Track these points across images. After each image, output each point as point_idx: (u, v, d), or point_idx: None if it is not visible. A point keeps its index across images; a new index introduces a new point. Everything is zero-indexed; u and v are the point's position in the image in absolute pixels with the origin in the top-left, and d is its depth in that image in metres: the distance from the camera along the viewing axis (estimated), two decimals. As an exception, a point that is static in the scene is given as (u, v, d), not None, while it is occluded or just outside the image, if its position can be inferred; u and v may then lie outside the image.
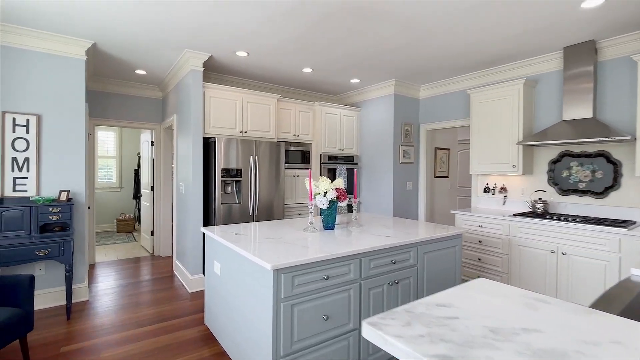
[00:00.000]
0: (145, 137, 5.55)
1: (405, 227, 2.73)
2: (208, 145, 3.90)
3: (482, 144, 3.94)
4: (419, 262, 2.39)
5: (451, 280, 2.65)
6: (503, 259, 3.45)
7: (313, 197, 2.58)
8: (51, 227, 3.16)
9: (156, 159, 5.16)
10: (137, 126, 5.00)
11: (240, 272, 2.07)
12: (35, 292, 3.17)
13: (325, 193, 2.56)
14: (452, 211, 3.87)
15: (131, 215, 7.22)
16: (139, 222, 7.28)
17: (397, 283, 2.23)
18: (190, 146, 3.75)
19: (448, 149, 5.49)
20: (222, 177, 3.71)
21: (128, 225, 7.03)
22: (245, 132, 4.11)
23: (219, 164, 3.69)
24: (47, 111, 3.24)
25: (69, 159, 3.35)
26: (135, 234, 6.91)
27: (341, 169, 5.00)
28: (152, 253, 5.30)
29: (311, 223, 2.57)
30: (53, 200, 3.13)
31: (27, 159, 3.14)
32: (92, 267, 4.57)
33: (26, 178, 3.13)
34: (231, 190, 3.86)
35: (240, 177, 3.82)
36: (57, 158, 3.29)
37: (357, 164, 5.25)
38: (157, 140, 5.16)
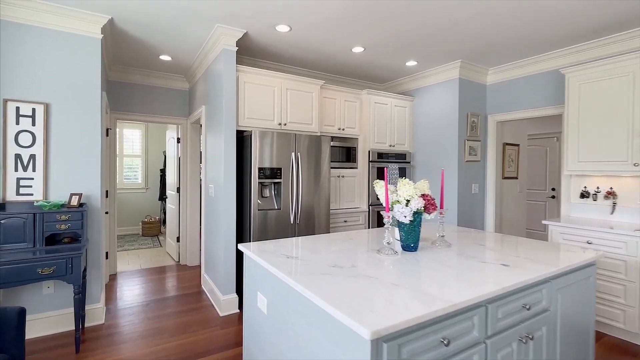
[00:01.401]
0: (171, 133, 5.05)
1: (512, 248, 1.98)
2: (242, 140, 3.29)
3: (585, 136, 3.08)
4: (552, 304, 1.64)
5: (585, 328, 1.87)
6: (627, 289, 2.60)
7: (390, 206, 1.88)
8: (59, 238, 2.65)
9: (182, 158, 4.64)
10: (162, 121, 4.49)
11: (303, 321, 1.40)
12: (42, 316, 2.67)
13: (408, 202, 1.86)
14: (544, 221, 3.05)
15: (157, 217, 6.81)
16: (165, 225, 6.87)
17: (532, 338, 1.49)
18: (221, 141, 3.15)
19: (517, 145, 4.63)
20: (258, 177, 3.08)
21: (153, 229, 6.62)
22: (285, 124, 3.47)
23: (255, 162, 3.06)
24: (57, 99, 2.73)
25: (82, 157, 2.83)
26: (161, 237, 6.48)
27: (392, 168, 4.26)
28: (178, 261, 4.79)
29: (388, 243, 1.87)
30: (62, 205, 2.61)
31: (32, 157, 2.63)
32: (112, 277, 4.09)
33: (32, 179, 2.63)
34: (269, 194, 3.23)
35: (280, 177, 3.18)
36: (68, 155, 2.77)
37: (409, 162, 4.50)
38: (184, 136, 4.64)
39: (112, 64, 4.02)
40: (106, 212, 3.58)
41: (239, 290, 3.24)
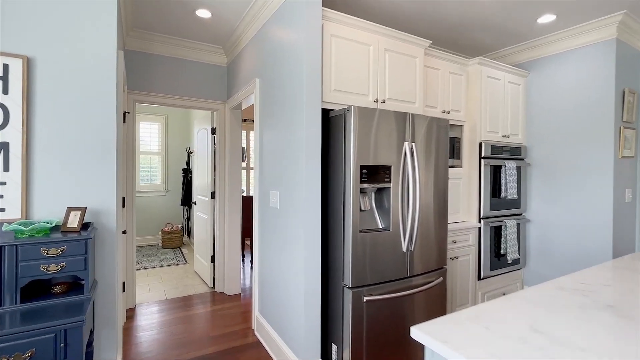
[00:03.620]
0: (202, 123, 3.99)
1: None
2: (325, 124, 2.18)
3: None
4: None
5: None
6: None
7: None
8: (49, 287, 1.58)
9: (219, 153, 3.56)
10: (192, 105, 3.42)
11: None
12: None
13: None
14: None
15: (179, 226, 5.77)
16: (189, 235, 5.82)
17: None
18: (296, 128, 2.05)
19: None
20: (361, 180, 1.96)
21: (175, 239, 5.58)
22: (383, 101, 2.35)
23: (353, 156, 1.94)
24: (45, 53, 1.67)
25: (88, 149, 1.77)
26: (184, 250, 5.43)
27: (510, 167, 3.11)
28: (213, 288, 3.71)
29: None
30: (52, 229, 1.54)
31: (4, 146, 1.57)
32: (130, 314, 3.03)
33: (4, 184, 1.57)
34: (368, 206, 2.11)
35: (389, 180, 2.06)
36: (64, 146, 1.71)
37: (523, 159, 3.34)
38: (220, 125, 3.56)
39: (131, 27, 2.97)
40: (124, 232, 2.51)
41: (324, 352, 2.13)
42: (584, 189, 2.96)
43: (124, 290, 2.93)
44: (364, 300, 1.95)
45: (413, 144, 2.11)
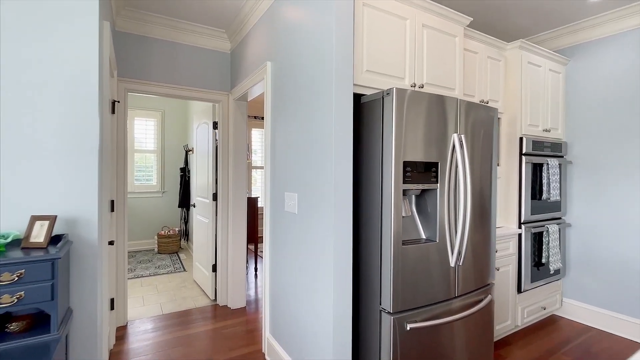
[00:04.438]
0: (202, 116, 3.60)
1: None
2: (356, 112, 1.80)
3: None
4: None
5: None
6: None
7: None
8: (2, 324, 1.20)
9: (222, 150, 3.18)
10: (191, 95, 3.04)
11: None
12: None
13: None
14: None
15: (176, 229, 5.37)
16: (187, 239, 5.43)
17: None
18: (328, 114, 1.67)
19: None
20: (404, 181, 1.59)
21: (172, 244, 5.18)
22: (421, 86, 1.98)
23: (395, 151, 1.56)
24: None
25: (62, 141, 1.38)
26: (182, 255, 5.04)
27: (552, 165, 2.75)
28: (214, 300, 3.33)
29: None
30: (9, 244, 1.16)
31: (-57, 135, 1.19)
32: (121, 334, 2.64)
33: (-55, 185, 1.18)
34: (409, 212, 1.74)
35: (436, 180, 1.69)
36: (29, 136, 1.32)
37: (563, 156, 2.98)
38: (224, 119, 3.18)
39: (122, 5, 2.58)
40: (110, 243, 2.11)
41: (353, 389, 1.76)
42: (636, 190, 2.61)
43: (112, 308, 2.54)
44: (407, 328, 1.58)
45: (462, 135, 1.74)
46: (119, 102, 2.63)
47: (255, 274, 4.21)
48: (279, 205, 2.16)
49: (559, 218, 2.97)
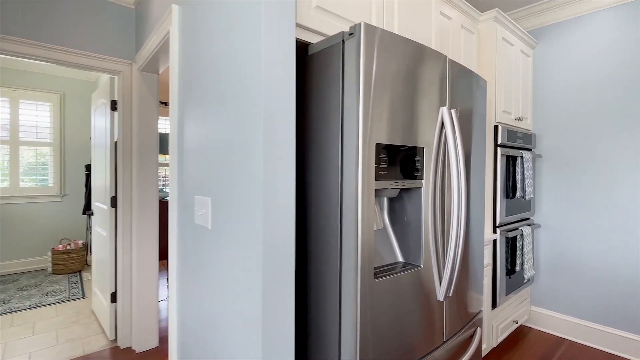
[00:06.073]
0: (101, 95, 2.72)
1: None
2: (304, 67, 1.17)
3: None
4: None
5: None
6: None
7: None
8: None
9: (123, 140, 2.36)
10: (80, 62, 2.18)
11: None
12: None
13: None
14: None
15: (80, 242, 4.27)
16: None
17: None
18: (254, 70, 1.02)
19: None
20: (378, 175, 1.00)
21: (74, 262, 4.09)
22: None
23: (363, 128, 0.97)
24: None
25: None
26: (85, 275, 3.99)
27: (527, 159, 2.41)
28: (115, 341, 2.48)
29: None
30: None
31: None
32: (-55, 416, 1.71)
33: None
34: (381, 223, 1.16)
35: (420, 175, 1.13)
36: None
37: (531, 149, 2.68)
38: (125, 97, 2.36)
39: None
40: None
41: None
42: (610, 187, 2.36)
43: None
44: (383, 407, 1.00)
45: (453, 111, 1.21)
46: None
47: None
48: (188, 215, 1.46)
49: (528, 219, 2.67)
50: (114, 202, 2.43)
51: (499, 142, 2.22)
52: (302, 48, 1.16)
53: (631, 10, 2.29)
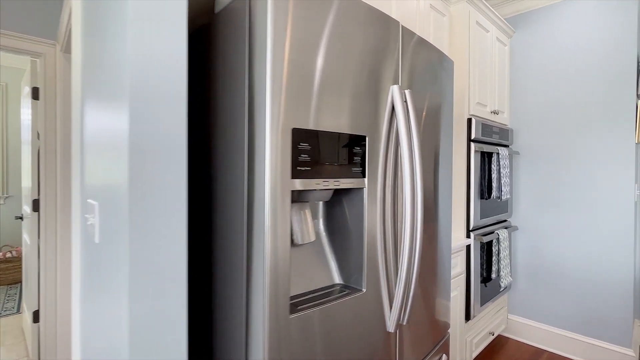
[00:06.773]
0: (26, 82, 2.37)
1: None
2: (206, 31, 0.90)
3: None
4: None
5: None
6: None
7: None
8: None
9: (45, 132, 2.02)
10: (-19, 38, 1.84)
11: None
12: None
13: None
14: None
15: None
16: (41, 261, 3.94)
17: None
18: (124, 36, 0.74)
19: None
20: (295, 171, 0.74)
21: (15, 271, 3.68)
22: (337, 14, 1.16)
23: (268, 104, 0.71)
24: None
25: None
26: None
27: (503, 156, 2.20)
28: (38, 366, 2.14)
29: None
30: None
31: None
32: None
33: None
34: (311, 235, 0.90)
35: (361, 173, 0.88)
36: None
37: (507, 145, 2.49)
38: (48, 84, 2.02)
39: None
40: None
41: None
42: (591, 187, 2.19)
43: None
44: None
45: (407, 91, 0.96)
46: None
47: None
48: (86, 227, 1.16)
49: (505, 221, 2.47)
50: (36, 205, 2.09)
51: (473, 136, 2.00)
52: (208, 6, 0.89)
53: (613, -5, 2.11)
